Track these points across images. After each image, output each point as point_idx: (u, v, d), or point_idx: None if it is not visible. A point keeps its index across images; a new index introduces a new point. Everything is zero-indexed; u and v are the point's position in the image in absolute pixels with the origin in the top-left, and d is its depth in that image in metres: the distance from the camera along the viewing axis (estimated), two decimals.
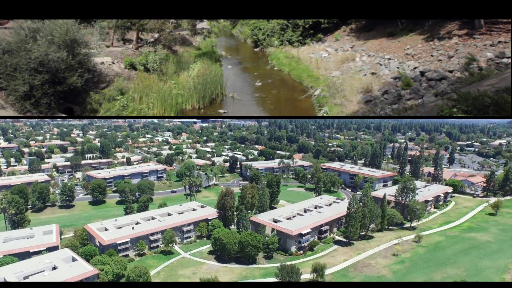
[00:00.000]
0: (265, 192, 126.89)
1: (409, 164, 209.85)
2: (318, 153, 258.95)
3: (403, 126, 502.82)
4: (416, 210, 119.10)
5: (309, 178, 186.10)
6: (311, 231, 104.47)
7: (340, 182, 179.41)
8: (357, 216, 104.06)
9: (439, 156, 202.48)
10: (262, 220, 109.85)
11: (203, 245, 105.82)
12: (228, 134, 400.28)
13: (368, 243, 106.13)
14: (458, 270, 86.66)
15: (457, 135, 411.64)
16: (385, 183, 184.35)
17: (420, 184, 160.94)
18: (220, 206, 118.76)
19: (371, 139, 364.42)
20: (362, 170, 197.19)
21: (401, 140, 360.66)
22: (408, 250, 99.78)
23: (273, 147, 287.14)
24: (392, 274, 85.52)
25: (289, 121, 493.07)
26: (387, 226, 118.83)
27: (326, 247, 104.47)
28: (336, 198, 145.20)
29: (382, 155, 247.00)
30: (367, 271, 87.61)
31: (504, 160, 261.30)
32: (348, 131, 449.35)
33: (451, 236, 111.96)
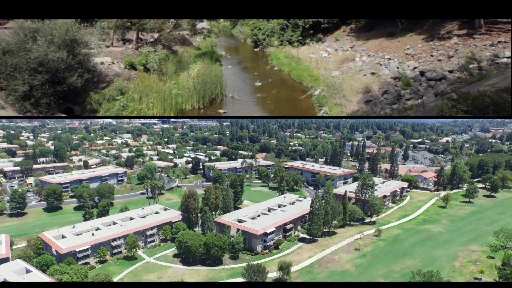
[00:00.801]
0: (229, 193, 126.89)
1: (367, 162, 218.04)
2: (280, 153, 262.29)
3: (360, 124, 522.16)
4: (376, 205, 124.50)
5: (272, 178, 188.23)
6: (276, 229, 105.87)
7: (302, 181, 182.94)
8: (320, 213, 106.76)
9: (395, 153, 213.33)
10: (226, 221, 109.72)
11: (168, 248, 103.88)
12: (189, 135, 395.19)
13: (332, 239, 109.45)
14: (415, 261, 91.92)
15: (410, 133, 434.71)
16: (346, 180, 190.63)
17: (378, 180, 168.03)
18: (184, 208, 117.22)
19: (331, 138, 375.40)
20: (323, 168, 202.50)
21: (359, 139, 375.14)
22: (369, 244, 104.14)
23: (236, 147, 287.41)
24: (355, 268, 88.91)
25: (250, 121, 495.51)
26: (349, 222, 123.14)
27: (291, 245, 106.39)
28: (299, 196, 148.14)
29: (342, 153, 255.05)
30: (331, 266, 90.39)
31: (451, 156, 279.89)
32: (309, 130, 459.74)
33: (407, 229, 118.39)
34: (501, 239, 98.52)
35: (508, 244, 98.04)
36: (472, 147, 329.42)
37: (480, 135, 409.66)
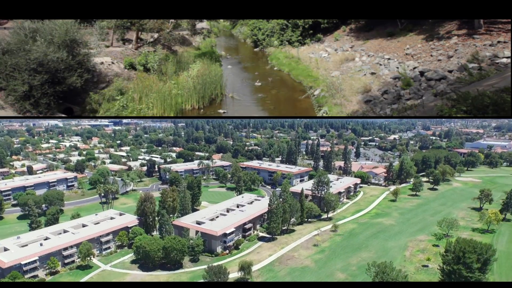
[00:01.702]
0: (186, 195, 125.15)
1: (322, 159, 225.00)
2: (236, 153, 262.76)
3: (314, 123, 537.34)
4: (331, 201, 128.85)
5: (230, 178, 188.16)
6: (235, 230, 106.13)
7: (259, 180, 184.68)
8: (278, 212, 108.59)
9: (347, 150, 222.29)
10: (185, 223, 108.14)
11: (125, 254, 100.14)
12: (143, 137, 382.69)
13: (290, 237, 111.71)
14: (370, 253, 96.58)
15: (361, 132, 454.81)
16: (302, 178, 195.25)
17: (333, 177, 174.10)
18: (140, 212, 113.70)
19: (286, 137, 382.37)
20: (280, 167, 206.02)
21: (314, 137, 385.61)
22: (327, 240, 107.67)
23: (192, 148, 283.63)
24: (314, 264, 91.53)
25: (206, 121, 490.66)
26: (307, 219, 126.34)
27: (251, 244, 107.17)
28: (257, 195, 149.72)
29: (297, 151, 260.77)
30: (291, 263, 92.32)
31: (398, 152, 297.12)
32: (264, 130, 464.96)
33: (362, 223, 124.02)
34: (444, 228, 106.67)
35: (449, 232, 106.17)
36: (416, 144, 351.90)
37: (423, 133, 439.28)
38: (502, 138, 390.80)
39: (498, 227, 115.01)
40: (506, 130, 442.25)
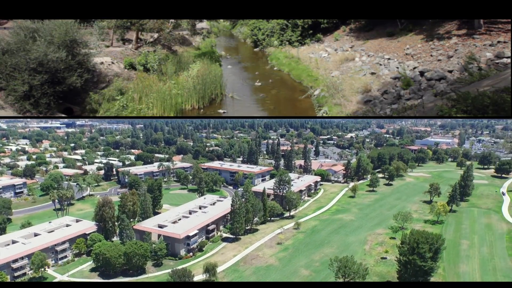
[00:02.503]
0: (147, 198, 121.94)
1: (282, 159, 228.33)
2: (197, 154, 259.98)
3: (274, 123, 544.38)
4: (293, 200, 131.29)
5: (191, 179, 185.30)
6: (199, 231, 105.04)
7: (221, 181, 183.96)
8: (241, 212, 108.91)
9: (307, 149, 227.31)
10: (146, 227, 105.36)
11: (83, 263, 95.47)
12: (99, 139, 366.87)
13: (254, 236, 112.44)
14: (332, 249, 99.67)
15: (319, 131, 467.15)
16: (263, 178, 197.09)
17: (294, 176, 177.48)
18: (99, 218, 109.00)
19: (247, 137, 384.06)
20: (241, 167, 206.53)
21: (274, 137, 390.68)
22: (290, 238, 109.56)
23: (151, 150, 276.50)
24: (278, 262, 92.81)
25: (165, 122, 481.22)
26: (269, 218, 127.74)
27: (215, 245, 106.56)
28: (219, 196, 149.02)
29: (258, 151, 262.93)
30: (256, 262, 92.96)
31: (355, 150, 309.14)
32: (225, 130, 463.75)
33: (323, 219, 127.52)
34: (399, 221, 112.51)
35: (404, 225, 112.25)
36: (372, 141, 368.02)
37: (377, 131, 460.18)
38: (446, 135, 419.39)
39: (446, 218, 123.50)
40: (449, 128, 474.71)
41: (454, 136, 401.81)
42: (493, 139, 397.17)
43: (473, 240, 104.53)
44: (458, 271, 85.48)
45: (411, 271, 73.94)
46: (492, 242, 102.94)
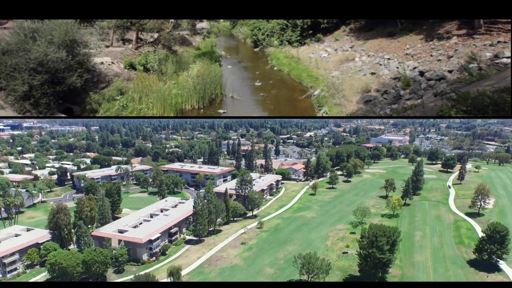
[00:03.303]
0: (105, 203, 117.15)
1: (243, 158, 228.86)
2: (157, 156, 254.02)
3: (234, 123, 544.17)
4: (255, 199, 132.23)
5: (151, 182, 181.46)
6: (161, 235, 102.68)
7: (182, 182, 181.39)
8: (204, 213, 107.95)
9: (267, 149, 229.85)
10: (106, 233, 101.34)
11: (37, 274, 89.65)
12: (51, 142, 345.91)
13: (218, 237, 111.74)
14: (295, 246, 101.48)
15: (279, 130, 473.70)
16: (225, 178, 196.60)
17: (255, 175, 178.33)
18: (53, 225, 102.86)
19: (207, 138, 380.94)
20: (202, 168, 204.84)
21: (234, 137, 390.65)
22: (253, 237, 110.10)
23: (108, 153, 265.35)
24: (243, 262, 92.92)
25: (122, 124, 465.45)
26: (232, 218, 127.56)
27: (178, 248, 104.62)
28: (181, 198, 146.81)
29: (219, 152, 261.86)
30: (220, 263, 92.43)
31: (314, 148, 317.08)
32: (184, 131, 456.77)
33: (286, 217, 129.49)
34: (358, 217, 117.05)
35: (363, 219, 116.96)
36: (330, 140, 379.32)
37: (335, 130, 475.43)
38: (399, 133, 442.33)
39: (400, 211, 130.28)
40: (401, 127, 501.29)
41: (405, 134, 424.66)
42: (439, 137, 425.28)
43: (425, 231, 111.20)
44: (413, 261, 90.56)
45: (371, 264, 77.12)
46: (442, 232, 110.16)
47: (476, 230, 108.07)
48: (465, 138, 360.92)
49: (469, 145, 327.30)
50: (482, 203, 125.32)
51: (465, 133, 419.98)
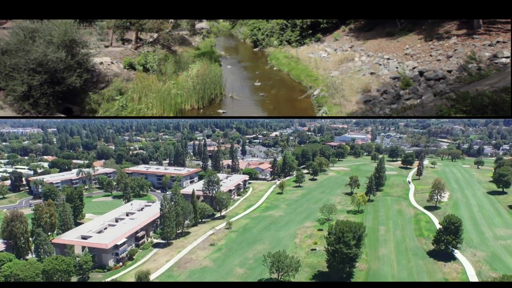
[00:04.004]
0: (66, 208, 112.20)
1: (210, 159, 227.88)
2: (120, 158, 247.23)
3: (199, 124, 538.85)
4: (223, 200, 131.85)
5: (115, 185, 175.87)
6: (127, 239, 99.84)
7: (148, 185, 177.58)
8: (171, 216, 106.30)
9: (234, 149, 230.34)
10: (68, 240, 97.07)
11: None
12: (1, 145, 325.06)
13: (186, 239, 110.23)
14: (264, 245, 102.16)
15: (245, 130, 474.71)
16: (192, 179, 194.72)
17: (222, 176, 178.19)
18: (7, 234, 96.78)
19: (172, 139, 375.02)
20: (168, 169, 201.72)
21: (200, 138, 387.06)
22: (222, 238, 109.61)
23: (68, 156, 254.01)
24: (213, 263, 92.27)
25: (82, 125, 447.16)
26: (201, 219, 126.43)
27: (146, 252, 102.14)
28: (147, 201, 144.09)
29: (185, 153, 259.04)
30: (190, 266, 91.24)
31: (280, 148, 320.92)
32: (149, 133, 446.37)
33: (254, 217, 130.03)
34: (325, 214, 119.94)
35: (330, 216, 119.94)
36: (295, 139, 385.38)
37: (300, 129, 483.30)
38: (361, 132, 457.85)
39: (365, 207, 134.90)
40: (363, 125, 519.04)
41: (367, 132, 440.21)
42: (399, 135, 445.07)
43: (388, 226, 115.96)
44: (378, 254, 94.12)
45: (339, 259, 79.22)
46: (403, 226, 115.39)
47: (434, 223, 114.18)
48: (421, 136, 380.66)
49: (425, 143, 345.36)
50: (438, 197, 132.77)
51: (421, 131, 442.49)
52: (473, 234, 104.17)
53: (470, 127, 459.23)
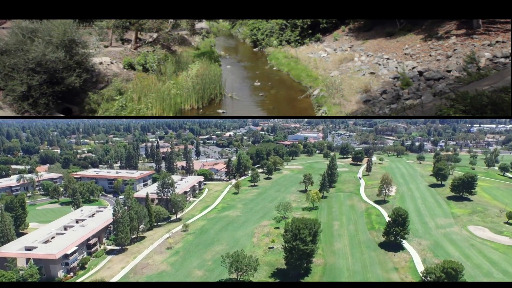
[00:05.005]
0: (6, 218, 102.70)
1: (163, 161, 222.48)
2: (67, 162, 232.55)
3: (151, 125, 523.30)
4: (178, 202, 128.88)
5: (63, 191, 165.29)
6: (78, 248, 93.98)
7: (99, 189, 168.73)
8: (125, 221, 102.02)
9: (188, 150, 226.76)
10: (9, 253, 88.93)
11: None
12: None
13: (142, 244, 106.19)
14: (222, 246, 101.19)
15: (198, 131, 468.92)
16: (145, 182, 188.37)
17: (177, 177, 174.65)
18: None
19: (123, 141, 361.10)
20: (120, 173, 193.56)
21: (152, 139, 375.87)
22: (179, 241, 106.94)
23: (5, 161, 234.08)
24: (170, 267, 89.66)
25: (21, 128, 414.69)
26: (156, 223, 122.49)
27: (99, 260, 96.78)
28: (98, 206, 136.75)
29: (137, 155, 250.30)
30: (147, 271, 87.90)
31: (235, 148, 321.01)
32: (97, 135, 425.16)
33: (211, 218, 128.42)
34: (281, 212, 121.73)
35: (286, 214, 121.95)
36: (249, 139, 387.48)
37: (254, 129, 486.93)
38: (313, 130, 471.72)
39: (319, 203, 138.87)
40: (315, 124, 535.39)
41: (319, 131, 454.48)
42: (348, 133, 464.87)
43: (342, 220, 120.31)
44: (333, 249, 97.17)
45: (296, 256, 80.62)
46: (356, 220, 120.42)
47: (384, 216, 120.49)
48: (369, 134, 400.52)
49: (373, 140, 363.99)
50: (386, 191, 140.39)
51: (369, 129, 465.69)
52: (418, 225, 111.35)
53: (412, 125, 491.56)
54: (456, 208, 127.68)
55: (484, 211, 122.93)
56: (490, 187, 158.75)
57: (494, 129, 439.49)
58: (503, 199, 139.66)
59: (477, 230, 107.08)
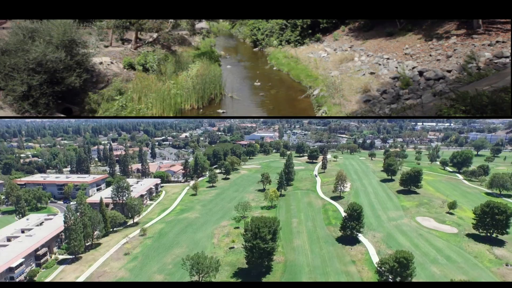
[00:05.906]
0: None
1: (117, 164, 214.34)
2: (8, 168, 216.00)
3: (103, 127, 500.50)
4: (135, 206, 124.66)
5: (4, 199, 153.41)
6: (25, 260, 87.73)
7: (47, 196, 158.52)
8: (78, 228, 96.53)
9: (143, 152, 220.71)
10: None
11: None
12: None
13: (97, 251, 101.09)
14: (182, 248, 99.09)
15: (153, 132, 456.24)
16: (99, 187, 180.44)
17: (132, 181, 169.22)
18: None
19: (73, 144, 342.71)
20: (71, 178, 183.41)
21: (105, 142, 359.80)
22: (137, 246, 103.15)
23: None
24: (129, 273, 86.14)
25: None
26: (112, 229, 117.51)
27: (51, 271, 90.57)
28: (47, 214, 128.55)
29: (89, 159, 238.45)
30: (104, 279, 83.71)
31: (191, 149, 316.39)
32: (43, 138, 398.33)
33: (169, 221, 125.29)
34: (240, 211, 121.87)
35: (245, 214, 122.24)
36: (206, 139, 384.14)
37: (210, 129, 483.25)
38: (269, 130, 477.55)
39: (277, 202, 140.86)
40: (271, 124, 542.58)
41: (274, 130, 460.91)
42: (303, 132, 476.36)
43: (300, 217, 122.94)
44: (293, 246, 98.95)
45: (257, 254, 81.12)
46: (314, 216, 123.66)
47: (340, 211, 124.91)
48: (323, 133, 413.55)
49: (327, 138, 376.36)
50: (341, 188, 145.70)
51: (323, 128, 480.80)
52: (372, 218, 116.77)
53: (363, 123, 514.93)
54: (405, 201, 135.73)
55: (429, 202, 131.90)
56: (433, 181, 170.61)
57: (435, 127, 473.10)
58: (444, 191, 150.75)
59: (424, 220, 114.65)
